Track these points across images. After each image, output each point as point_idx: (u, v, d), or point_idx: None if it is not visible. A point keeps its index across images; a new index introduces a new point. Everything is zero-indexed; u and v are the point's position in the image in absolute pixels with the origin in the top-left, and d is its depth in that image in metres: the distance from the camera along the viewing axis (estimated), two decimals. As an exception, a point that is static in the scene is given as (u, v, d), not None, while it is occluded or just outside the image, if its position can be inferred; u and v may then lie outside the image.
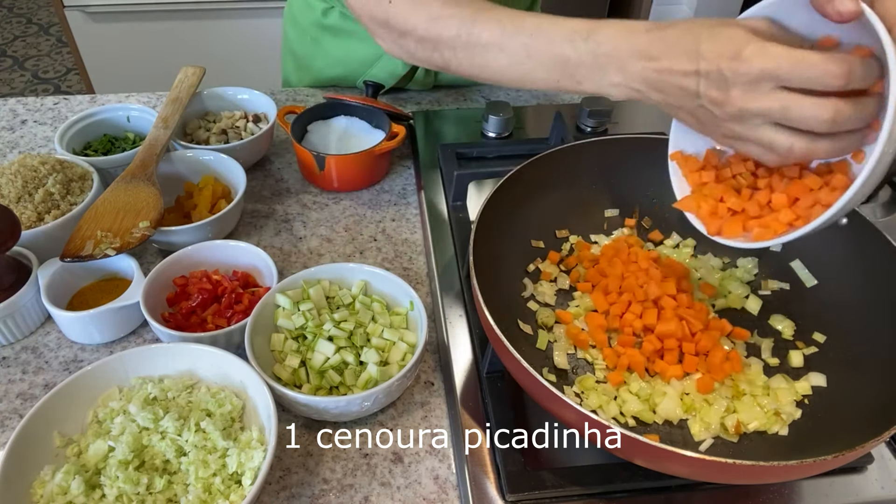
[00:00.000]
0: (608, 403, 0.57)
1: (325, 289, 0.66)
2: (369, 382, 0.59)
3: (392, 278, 0.65)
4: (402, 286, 0.65)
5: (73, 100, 1.02)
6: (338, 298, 0.66)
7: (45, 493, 0.51)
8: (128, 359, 0.58)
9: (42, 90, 2.87)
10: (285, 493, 0.56)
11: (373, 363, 0.60)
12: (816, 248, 0.66)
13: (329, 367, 0.60)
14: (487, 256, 0.59)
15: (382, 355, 0.61)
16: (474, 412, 0.59)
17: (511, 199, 0.65)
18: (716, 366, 0.58)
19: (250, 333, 0.59)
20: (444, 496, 0.56)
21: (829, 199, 0.46)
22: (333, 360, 0.60)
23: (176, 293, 0.68)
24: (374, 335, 0.63)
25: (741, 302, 0.66)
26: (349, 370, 0.60)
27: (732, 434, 0.55)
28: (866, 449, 0.45)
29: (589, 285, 0.67)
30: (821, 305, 0.64)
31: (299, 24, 1.05)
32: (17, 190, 0.72)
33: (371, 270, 0.66)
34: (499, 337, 0.50)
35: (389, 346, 0.62)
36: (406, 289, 0.64)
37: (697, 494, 0.54)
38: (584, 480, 0.53)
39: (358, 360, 0.61)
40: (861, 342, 0.59)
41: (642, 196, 0.73)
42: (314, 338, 0.62)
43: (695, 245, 0.71)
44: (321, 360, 0.60)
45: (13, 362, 0.66)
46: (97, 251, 0.66)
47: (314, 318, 0.62)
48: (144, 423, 0.54)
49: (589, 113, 0.90)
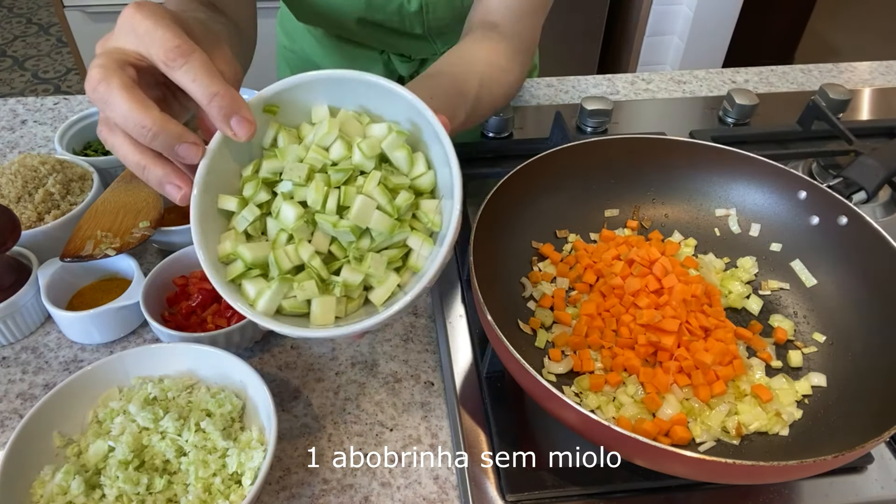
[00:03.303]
0: (607, 404, 0.57)
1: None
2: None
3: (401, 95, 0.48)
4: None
5: (73, 100, 1.02)
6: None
7: (45, 493, 0.51)
8: (128, 359, 0.58)
9: (42, 90, 2.87)
10: (285, 493, 0.56)
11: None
12: (816, 248, 0.66)
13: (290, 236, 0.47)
14: (487, 256, 0.59)
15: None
16: (474, 412, 0.59)
17: (511, 199, 0.65)
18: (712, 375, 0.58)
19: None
20: (444, 496, 0.56)
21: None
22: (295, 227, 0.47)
23: (176, 293, 0.68)
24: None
25: (741, 302, 0.66)
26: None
27: (734, 436, 0.55)
28: (866, 449, 0.45)
29: (587, 286, 0.67)
30: (821, 305, 0.65)
31: (289, 31, 1.06)
32: (17, 190, 0.72)
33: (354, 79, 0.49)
34: (499, 337, 0.50)
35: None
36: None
37: (697, 494, 0.54)
38: (584, 480, 0.53)
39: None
40: (861, 342, 0.59)
41: (642, 196, 0.73)
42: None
43: (695, 245, 0.71)
44: (276, 232, 0.48)
45: (13, 362, 0.66)
46: (97, 251, 0.66)
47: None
48: (144, 423, 0.54)
49: (589, 113, 0.90)
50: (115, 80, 0.42)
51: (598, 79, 1.09)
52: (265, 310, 0.46)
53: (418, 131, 0.50)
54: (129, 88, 0.43)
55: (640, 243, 0.69)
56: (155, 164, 0.45)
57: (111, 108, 0.43)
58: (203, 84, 0.43)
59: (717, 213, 0.72)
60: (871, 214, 0.79)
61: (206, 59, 0.43)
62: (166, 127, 0.43)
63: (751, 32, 2.41)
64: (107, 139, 0.45)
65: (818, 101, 0.90)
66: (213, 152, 0.47)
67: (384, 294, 0.47)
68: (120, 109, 0.42)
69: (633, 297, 0.63)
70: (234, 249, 0.47)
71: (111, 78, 0.42)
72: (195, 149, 0.45)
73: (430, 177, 0.50)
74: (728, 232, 0.71)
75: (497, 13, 0.74)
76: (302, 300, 0.47)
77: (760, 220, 0.70)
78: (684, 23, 2.34)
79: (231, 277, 0.47)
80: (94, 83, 0.43)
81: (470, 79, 0.64)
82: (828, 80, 1.10)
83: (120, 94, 0.42)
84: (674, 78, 1.10)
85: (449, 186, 0.48)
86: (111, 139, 0.45)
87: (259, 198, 0.49)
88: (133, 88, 0.43)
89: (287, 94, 0.49)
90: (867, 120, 0.98)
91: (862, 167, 0.77)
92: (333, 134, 0.48)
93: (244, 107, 0.45)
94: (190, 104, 0.52)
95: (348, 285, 0.47)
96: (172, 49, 0.42)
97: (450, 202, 0.47)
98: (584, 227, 0.73)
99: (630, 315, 0.62)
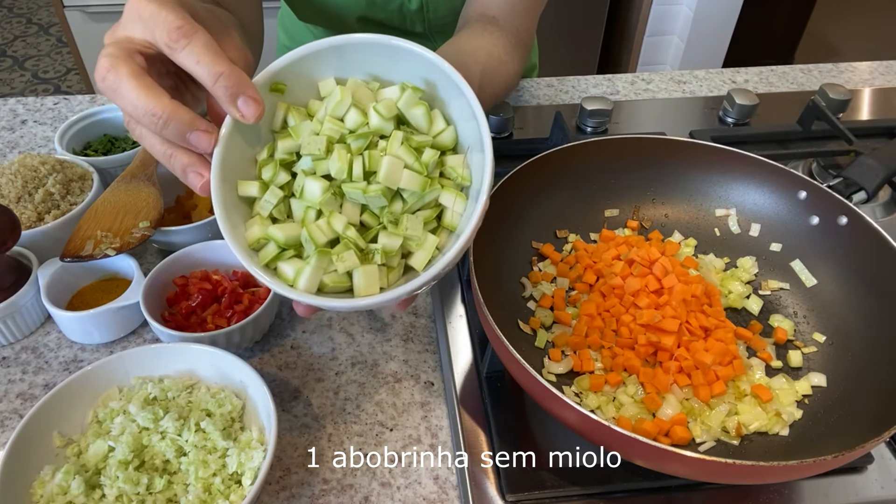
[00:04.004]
0: (607, 404, 0.57)
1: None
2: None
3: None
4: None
5: (73, 100, 1.02)
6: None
7: (45, 493, 0.51)
8: (128, 359, 0.58)
9: (42, 90, 2.87)
10: (285, 493, 0.56)
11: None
12: (816, 248, 0.66)
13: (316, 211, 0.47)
14: (487, 257, 0.59)
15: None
16: (474, 412, 0.59)
17: (511, 199, 0.65)
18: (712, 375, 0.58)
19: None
20: (444, 496, 0.56)
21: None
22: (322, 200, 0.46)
23: (176, 293, 0.68)
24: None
25: (741, 302, 0.66)
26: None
27: (734, 436, 0.55)
28: (866, 449, 0.45)
29: (587, 286, 0.67)
30: (821, 305, 0.65)
31: (290, 30, 1.06)
32: (17, 190, 0.72)
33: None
34: (499, 337, 0.50)
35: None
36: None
37: (697, 494, 0.54)
38: (584, 480, 0.53)
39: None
40: (861, 342, 0.59)
41: (642, 196, 0.73)
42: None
43: (695, 245, 0.71)
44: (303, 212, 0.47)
45: (13, 362, 0.66)
46: (97, 251, 0.66)
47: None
48: (144, 423, 0.54)
49: (589, 113, 0.90)
50: (124, 68, 0.42)
51: (598, 79, 1.09)
52: (307, 287, 0.44)
53: (433, 88, 0.49)
54: (138, 76, 0.42)
55: (640, 243, 0.69)
56: (180, 152, 0.44)
57: (121, 97, 0.42)
58: (206, 64, 0.42)
59: (717, 213, 0.72)
60: (871, 214, 0.79)
61: (209, 40, 0.42)
62: (177, 114, 0.42)
63: (751, 32, 2.41)
64: (133, 130, 0.45)
65: (818, 101, 0.90)
66: (226, 139, 0.46)
67: (425, 257, 0.46)
68: (129, 98, 0.42)
69: (633, 297, 0.63)
70: (265, 233, 0.46)
71: (119, 67, 0.42)
72: (207, 136, 0.44)
73: (450, 132, 0.49)
74: (728, 232, 0.71)
75: (495, 7, 0.74)
76: (343, 273, 0.45)
77: (760, 220, 0.70)
78: (684, 23, 2.34)
79: (265, 262, 0.46)
80: (102, 73, 0.42)
81: (472, 69, 0.64)
82: (828, 80, 1.10)
83: (128, 83, 0.41)
84: (674, 78, 1.10)
85: (477, 139, 0.46)
86: (136, 130, 0.45)
87: (279, 179, 0.48)
88: (142, 76, 0.42)
89: (292, 69, 0.48)
90: (867, 120, 0.98)
91: (862, 167, 0.77)
92: (347, 101, 0.47)
93: (250, 86, 0.44)
94: (201, 93, 0.51)
95: (387, 251, 0.45)
96: (175, 30, 0.41)
97: (480, 155, 0.46)
98: (584, 227, 0.73)
99: (630, 315, 0.62)
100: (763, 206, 0.70)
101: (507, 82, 0.73)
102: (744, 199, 0.71)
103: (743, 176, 0.70)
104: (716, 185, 0.72)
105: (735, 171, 0.70)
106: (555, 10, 0.75)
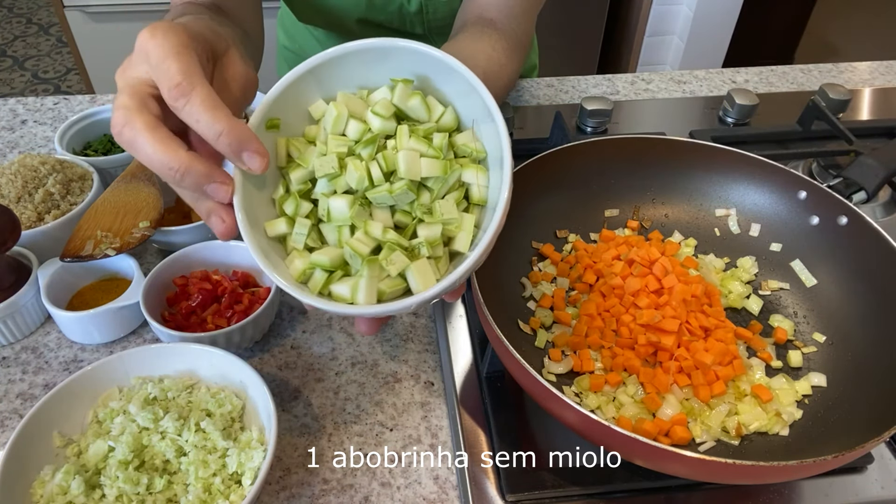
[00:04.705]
0: (607, 404, 0.57)
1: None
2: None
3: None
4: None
5: (73, 100, 1.02)
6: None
7: (45, 493, 0.51)
8: (128, 359, 0.58)
9: (42, 90, 2.87)
10: (285, 493, 0.56)
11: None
12: (816, 248, 0.66)
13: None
14: (487, 257, 0.59)
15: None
16: (474, 412, 0.59)
17: (511, 199, 0.64)
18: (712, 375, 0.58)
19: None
20: (444, 496, 0.56)
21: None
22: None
23: (176, 293, 0.68)
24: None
25: (741, 302, 0.66)
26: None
27: (734, 436, 0.55)
28: (866, 449, 0.45)
29: (587, 286, 0.67)
30: (821, 305, 0.65)
31: (289, 31, 1.06)
32: (17, 190, 0.72)
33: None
34: (499, 337, 0.50)
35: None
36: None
37: (697, 494, 0.54)
38: (584, 480, 0.53)
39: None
40: (861, 342, 0.59)
41: (642, 196, 0.73)
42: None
43: (695, 245, 0.71)
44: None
45: (13, 362, 0.66)
46: (97, 251, 0.66)
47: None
48: (144, 423, 0.54)
49: (589, 113, 0.90)
50: (138, 121, 0.42)
51: (598, 79, 1.09)
52: (367, 300, 0.44)
53: (420, 76, 0.49)
54: (153, 129, 0.42)
55: (640, 243, 0.69)
56: (202, 197, 0.45)
57: (137, 151, 0.42)
58: (206, 123, 0.42)
59: (717, 213, 0.72)
60: (871, 214, 0.79)
61: (206, 95, 0.42)
62: (193, 167, 0.42)
63: (751, 32, 2.41)
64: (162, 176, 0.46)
65: (818, 101, 0.90)
66: (241, 187, 0.46)
67: (467, 237, 0.46)
68: (146, 152, 0.42)
69: (633, 297, 0.63)
70: (308, 263, 0.46)
71: (134, 120, 0.42)
72: (224, 188, 0.44)
73: (450, 113, 0.49)
74: (728, 232, 0.71)
75: (493, 10, 0.74)
76: (395, 275, 0.45)
77: (760, 220, 0.70)
78: (684, 23, 2.34)
79: (317, 290, 0.46)
80: (118, 127, 0.42)
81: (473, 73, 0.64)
82: (828, 80, 1.10)
83: (144, 137, 0.42)
84: (674, 78, 1.10)
85: (482, 109, 0.46)
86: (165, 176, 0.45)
87: (302, 210, 0.48)
88: (157, 128, 0.42)
89: (280, 103, 0.49)
90: (867, 120, 0.98)
91: (862, 167, 0.77)
92: (344, 115, 0.48)
93: (253, 139, 0.43)
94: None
95: (430, 241, 0.45)
96: (174, 88, 0.41)
97: (489, 125, 0.46)
98: (584, 227, 0.73)
99: (630, 315, 0.62)
100: (763, 206, 0.70)
101: (506, 85, 0.74)
102: (744, 199, 0.71)
103: (743, 176, 0.70)
104: (716, 185, 0.72)
105: (735, 171, 0.70)
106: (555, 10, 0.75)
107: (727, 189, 0.71)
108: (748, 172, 0.70)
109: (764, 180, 0.69)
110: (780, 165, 0.67)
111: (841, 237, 0.63)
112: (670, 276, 0.64)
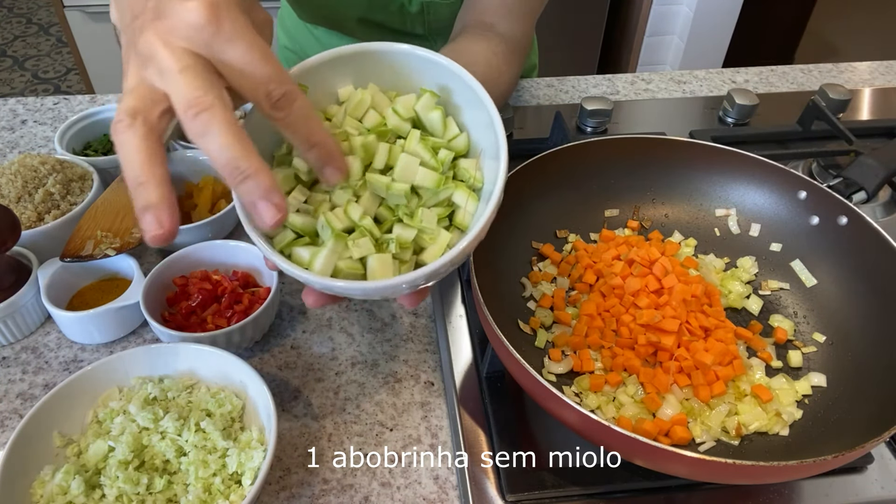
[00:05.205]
0: (607, 404, 0.57)
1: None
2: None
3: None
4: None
5: (73, 100, 1.02)
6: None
7: (45, 493, 0.51)
8: (128, 359, 0.58)
9: (42, 90, 2.87)
10: (285, 493, 0.56)
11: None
12: (816, 248, 0.66)
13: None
14: (487, 257, 0.59)
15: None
16: (474, 412, 0.59)
17: (511, 199, 0.64)
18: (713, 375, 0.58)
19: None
20: (444, 496, 0.56)
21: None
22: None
23: (176, 293, 0.68)
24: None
25: (741, 302, 0.66)
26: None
27: (734, 436, 0.55)
28: (866, 449, 0.45)
29: (587, 286, 0.67)
30: (821, 305, 0.65)
31: (290, 31, 1.06)
32: (17, 190, 0.72)
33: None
34: (499, 337, 0.50)
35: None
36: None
37: (697, 494, 0.54)
38: (584, 480, 0.53)
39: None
40: (861, 342, 0.59)
41: (642, 196, 0.73)
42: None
43: (695, 245, 0.71)
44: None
45: (13, 362, 0.66)
46: (97, 251, 0.66)
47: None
48: (144, 423, 0.54)
49: (589, 113, 0.90)
50: (220, 110, 0.38)
51: (598, 79, 1.09)
52: (322, 270, 0.45)
53: (448, 95, 0.50)
54: (232, 123, 0.39)
55: (640, 243, 0.69)
56: (153, 186, 0.43)
57: (208, 136, 0.39)
58: (227, 161, 0.38)
59: (717, 213, 0.72)
60: (871, 214, 0.79)
61: (223, 119, 0.38)
62: (260, 175, 0.39)
63: (751, 32, 2.41)
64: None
65: (818, 101, 0.90)
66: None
67: (437, 251, 0.47)
68: (217, 142, 0.38)
69: (633, 297, 0.63)
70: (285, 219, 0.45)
71: (216, 107, 0.38)
72: (274, 213, 0.40)
73: (463, 138, 0.50)
74: (728, 232, 0.71)
75: (493, 13, 0.74)
76: (357, 259, 0.45)
77: (760, 220, 0.70)
78: (684, 23, 2.34)
79: (280, 247, 0.46)
80: (195, 108, 0.38)
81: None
82: (828, 80, 1.10)
83: (223, 127, 0.38)
84: (674, 78, 1.10)
85: (493, 147, 0.47)
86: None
87: (290, 171, 0.49)
88: (235, 123, 0.39)
89: (312, 76, 0.49)
90: (867, 120, 0.98)
91: (862, 167, 0.77)
92: (366, 103, 0.49)
93: (275, 191, 0.39)
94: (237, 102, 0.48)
95: (402, 241, 0.46)
96: (190, 107, 0.38)
97: (494, 162, 0.47)
98: (584, 227, 0.73)
99: (630, 315, 0.62)
100: (763, 206, 0.70)
101: (504, 91, 0.74)
102: (744, 199, 0.71)
103: (743, 176, 0.70)
104: (716, 185, 0.72)
105: (735, 171, 0.70)
106: (555, 10, 0.75)
107: (727, 189, 0.71)
108: (748, 172, 0.70)
109: (764, 180, 0.69)
110: (780, 165, 0.68)
111: (841, 237, 0.63)
112: (670, 276, 0.64)
